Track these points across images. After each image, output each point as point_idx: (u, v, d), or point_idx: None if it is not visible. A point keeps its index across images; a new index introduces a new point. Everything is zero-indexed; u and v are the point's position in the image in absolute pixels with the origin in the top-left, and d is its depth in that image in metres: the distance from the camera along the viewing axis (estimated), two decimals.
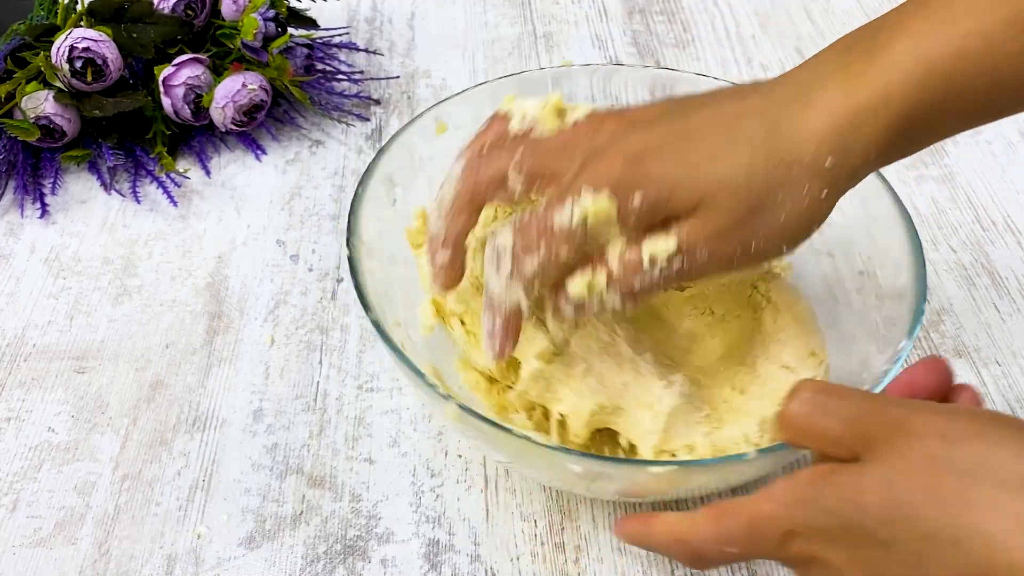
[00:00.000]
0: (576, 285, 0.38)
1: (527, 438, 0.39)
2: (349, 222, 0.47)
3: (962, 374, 0.55)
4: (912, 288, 0.45)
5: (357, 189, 0.48)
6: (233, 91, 0.66)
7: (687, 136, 0.37)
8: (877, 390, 0.40)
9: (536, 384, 0.43)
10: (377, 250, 0.48)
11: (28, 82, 0.64)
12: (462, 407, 0.39)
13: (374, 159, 0.50)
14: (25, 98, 0.64)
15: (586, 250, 0.38)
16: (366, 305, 0.43)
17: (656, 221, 0.37)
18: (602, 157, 0.37)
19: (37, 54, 0.65)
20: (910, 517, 0.29)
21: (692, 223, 0.36)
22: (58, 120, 0.64)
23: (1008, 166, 0.68)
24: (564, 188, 0.37)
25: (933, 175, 0.68)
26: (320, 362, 0.55)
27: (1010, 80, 0.35)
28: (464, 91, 0.55)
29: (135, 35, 0.66)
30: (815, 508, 0.31)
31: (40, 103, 0.64)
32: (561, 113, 0.43)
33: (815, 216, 0.37)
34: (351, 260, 0.45)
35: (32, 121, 0.64)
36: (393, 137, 0.51)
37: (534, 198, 0.40)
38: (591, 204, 0.36)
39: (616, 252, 0.37)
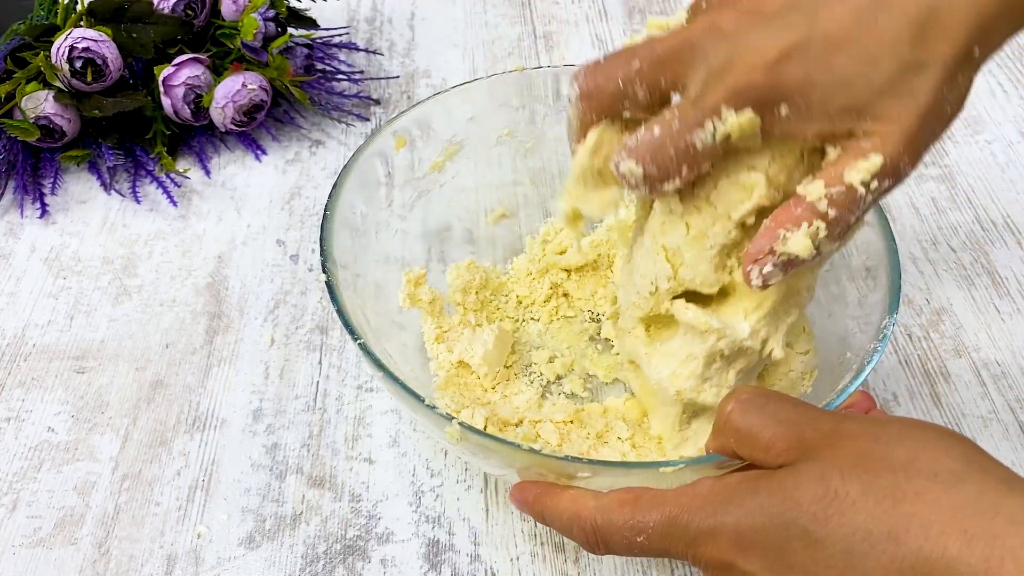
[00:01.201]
0: (798, 243, 0.35)
1: (534, 451, 0.38)
2: (322, 246, 0.46)
3: (961, 374, 0.55)
4: (886, 263, 0.45)
5: (325, 211, 0.48)
6: (233, 91, 0.66)
7: (824, 38, 0.33)
8: (866, 371, 0.41)
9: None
10: (350, 264, 0.48)
11: (28, 82, 0.64)
12: (464, 425, 0.38)
13: (339, 178, 0.50)
14: (25, 98, 0.64)
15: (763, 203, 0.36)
16: (352, 331, 0.43)
17: (807, 133, 0.35)
18: (735, 66, 0.33)
19: (37, 54, 0.65)
20: (846, 512, 0.29)
21: (884, 135, 0.33)
22: (58, 120, 0.64)
23: (1008, 166, 0.68)
24: (699, 107, 0.34)
25: (933, 175, 0.68)
26: (320, 362, 0.55)
27: None
28: (427, 99, 0.54)
29: (135, 35, 0.66)
30: (746, 508, 0.31)
31: (40, 103, 0.64)
32: None
33: (964, 96, 0.35)
34: (329, 286, 0.44)
35: (32, 121, 0.64)
36: (354, 155, 0.51)
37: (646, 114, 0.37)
38: (735, 120, 0.34)
39: (815, 192, 0.34)
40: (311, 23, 0.75)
